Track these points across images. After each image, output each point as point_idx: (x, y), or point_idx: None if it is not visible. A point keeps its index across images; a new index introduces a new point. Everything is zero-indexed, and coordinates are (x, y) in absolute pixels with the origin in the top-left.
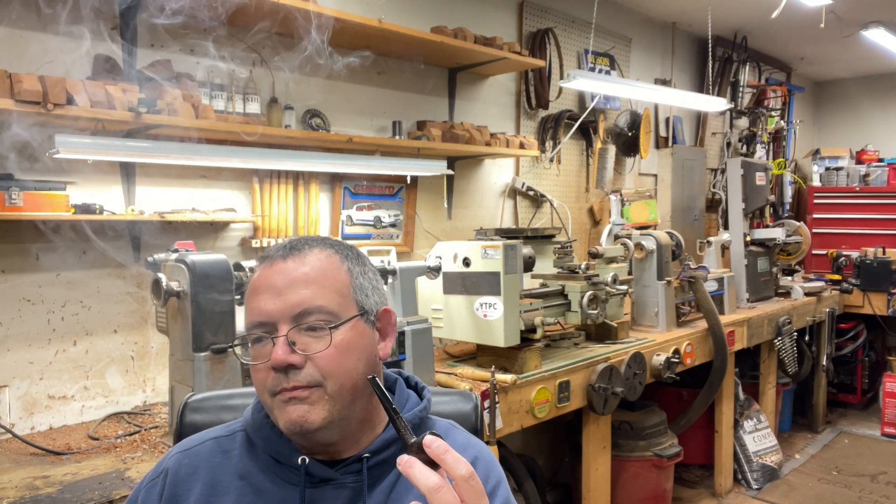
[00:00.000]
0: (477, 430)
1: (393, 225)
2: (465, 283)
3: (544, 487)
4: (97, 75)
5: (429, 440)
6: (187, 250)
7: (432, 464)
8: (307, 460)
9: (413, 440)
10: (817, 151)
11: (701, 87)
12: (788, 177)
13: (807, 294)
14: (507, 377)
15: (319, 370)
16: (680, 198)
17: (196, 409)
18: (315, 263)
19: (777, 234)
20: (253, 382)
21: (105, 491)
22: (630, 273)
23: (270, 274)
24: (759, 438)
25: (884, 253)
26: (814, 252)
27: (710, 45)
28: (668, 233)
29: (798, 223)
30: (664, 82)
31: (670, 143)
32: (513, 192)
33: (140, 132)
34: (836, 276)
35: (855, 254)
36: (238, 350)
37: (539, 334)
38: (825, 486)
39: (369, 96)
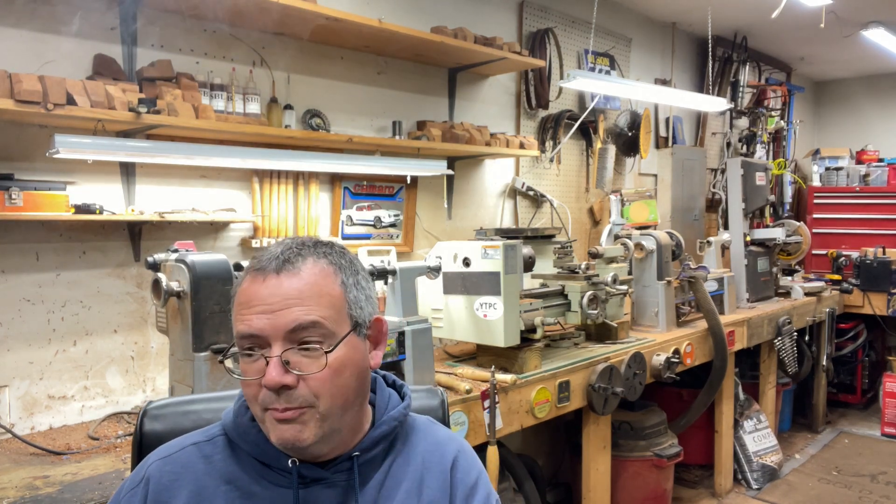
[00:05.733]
0: (444, 424)
1: (393, 225)
2: (465, 283)
3: (544, 487)
4: (97, 75)
5: None
6: (187, 250)
7: None
8: (297, 462)
9: None
10: (817, 151)
11: (701, 87)
12: (788, 177)
13: (807, 294)
14: (507, 377)
15: (312, 391)
16: (680, 198)
17: (156, 418)
18: (309, 278)
19: (777, 234)
20: (243, 392)
21: (105, 491)
22: (630, 273)
23: (262, 288)
24: (759, 438)
25: (884, 253)
26: (814, 252)
27: (710, 45)
28: (668, 233)
29: (798, 223)
30: (664, 82)
31: (670, 143)
32: (513, 192)
33: (140, 132)
34: (836, 276)
35: (855, 254)
36: (228, 363)
37: (539, 334)
38: (825, 486)
39: (369, 96)
